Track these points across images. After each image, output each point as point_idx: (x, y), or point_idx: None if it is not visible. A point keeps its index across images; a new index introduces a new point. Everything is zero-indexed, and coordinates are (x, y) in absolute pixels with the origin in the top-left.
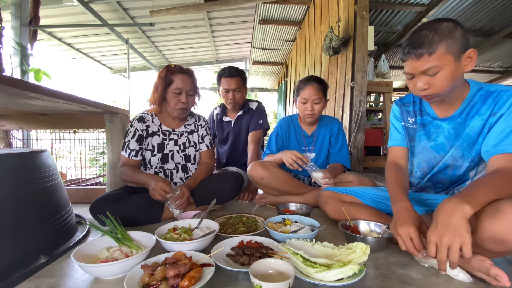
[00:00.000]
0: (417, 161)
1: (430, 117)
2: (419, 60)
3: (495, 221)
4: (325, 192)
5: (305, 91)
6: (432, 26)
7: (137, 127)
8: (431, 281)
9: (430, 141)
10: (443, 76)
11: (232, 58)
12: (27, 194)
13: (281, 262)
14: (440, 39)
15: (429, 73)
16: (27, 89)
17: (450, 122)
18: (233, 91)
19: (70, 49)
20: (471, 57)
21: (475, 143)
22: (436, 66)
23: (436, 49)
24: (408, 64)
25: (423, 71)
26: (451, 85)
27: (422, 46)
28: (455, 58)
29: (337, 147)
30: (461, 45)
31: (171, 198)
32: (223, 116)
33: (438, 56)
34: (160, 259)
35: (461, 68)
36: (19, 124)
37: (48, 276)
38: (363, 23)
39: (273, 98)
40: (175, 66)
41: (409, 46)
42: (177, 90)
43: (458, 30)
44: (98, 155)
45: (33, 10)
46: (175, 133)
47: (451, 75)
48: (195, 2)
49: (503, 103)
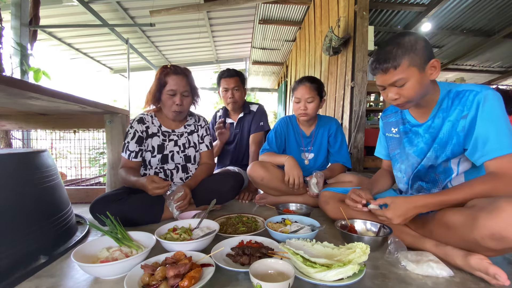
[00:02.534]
0: (404, 167)
1: (410, 124)
2: (386, 74)
3: (493, 218)
4: (325, 192)
5: (298, 91)
6: (395, 42)
7: (136, 128)
8: (431, 281)
9: (412, 147)
10: (410, 86)
11: (232, 58)
12: (27, 194)
13: (281, 262)
14: (403, 53)
15: (397, 85)
16: (27, 89)
17: (425, 127)
18: (232, 89)
19: (70, 49)
20: (435, 66)
21: (446, 144)
22: (402, 78)
23: (401, 63)
24: (378, 77)
25: (391, 83)
26: (419, 93)
27: (388, 61)
28: (419, 69)
29: (336, 146)
30: (424, 56)
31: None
32: (226, 118)
33: (403, 69)
34: (160, 259)
35: (426, 77)
36: (19, 124)
37: (48, 276)
38: (363, 23)
39: (273, 98)
40: (170, 67)
41: (376, 61)
42: (171, 91)
43: (419, 43)
44: (98, 155)
45: (33, 10)
46: (174, 133)
47: (417, 85)
48: (195, 2)
49: (470, 104)
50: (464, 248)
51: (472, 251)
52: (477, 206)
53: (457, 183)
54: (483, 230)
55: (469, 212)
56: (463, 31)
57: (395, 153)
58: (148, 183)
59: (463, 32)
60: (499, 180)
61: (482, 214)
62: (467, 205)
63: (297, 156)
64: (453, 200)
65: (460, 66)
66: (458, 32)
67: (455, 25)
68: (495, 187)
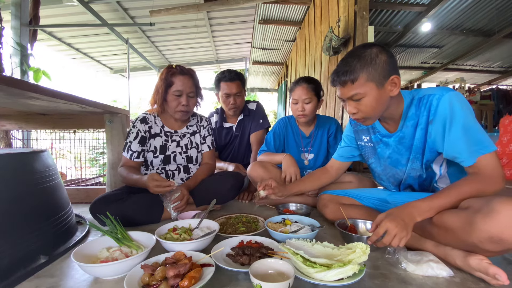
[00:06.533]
0: (385, 177)
1: (380, 134)
2: (344, 88)
3: (490, 221)
4: (324, 195)
5: (295, 92)
6: (356, 54)
7: (139, 128)
8: (431, 281)
9: (386, 158)
10: (367, 102)
11: (232, 58)
12: (27, 194)
13: (281, 262)
14: (362, 67)
15: (354, 99)
16: (27, 89)
17: (395, 138)
18: (234, 95)
19: (70, 49)
20: (395, 83)
21: (424, 151)
22: (359, 93)
23: (358, 77)
24: (337, 89)
25: (349, 97)
26: (377, 110)
27: (345, 74)
28: (377, 85)
29: (336, 147)
30: (384, 72)
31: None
32: (223, 123)
33: (360, 84)
34: (160, 259)
35: (385, 93)
36: (19, 124)
37: (48, 276)
38: (363, 23)
39: (273, 98)
40: (176, 67)
41: (335, 73)
42: (177, 92)
43: (380, 57)
44: (98, 155)
45: (33, 10)
46: (177, 134)
47: (375, 101)
48: (195, 2)
49: (435, 109)
50: (463, 249)
51: (472, 252)
52: (472, 208)
53: (443, 183)
54: (481, 234)
55: (465, 214)
56: (463, 31)
57: (371, 161)
58: (150, 181)
59: (463, 32)
60: (483, 182)
61: (478, 217)
62: (461, 206)
63: (296, 157)
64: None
65: (460, 66)
66: (458, 32)
67: (455, 25)
68: (481, 188)
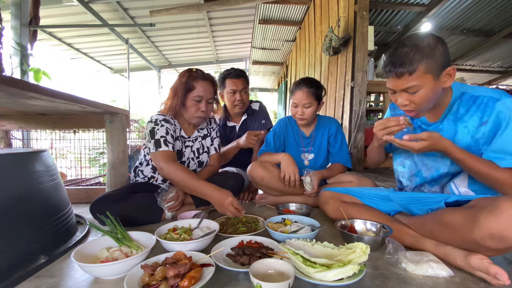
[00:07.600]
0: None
1: (419, 121)
2: (400, 79)
3: (494, 218)
4: (325, 193)
5: (296, 96)
6: (413, 44)
7: (168, 127)
8: (431, 281)
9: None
10: (422, 94)
11: (232, 58)
12: (27, 194)
13: (281, 262)
14: (421, 59)
15: (410, 91)
16: (27, 89)
17: (435, 129)
18: (240, 91)
19: (70, 49)
20: (450, 74)
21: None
22: (416, 85)
23: (416, 68)
24: (390, 81)
25: (403, 89)
26: (430, 101)
27: (403, 66)
28: (434, 77)
29: (336, 147)
30: (441, 63)
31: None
32: (226, 122)
33: (418, 76)
34: (160, 259)
35: (440, 84)
36: (19, 124)
37: (48, 276)
38: (363, 23)
39: (273, 98)
40: (197, 71)
41: (391, 64)
42: (197, 97)
43: (438, 48)
44: (98, 155)
45: (33, 10)
46: (190, 139)
47: (430, 93)
48: (195, 2)
49: (491, 110)
50: (464, 248)
51: (472, 251)
52: (477, 206)
53: (462, 182)
54: (483, 230)
55: (469, 212)
56: (463, 31)
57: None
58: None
59: (463, 32)
60: None
61: (482, 213)
62: (467, 205)
63: (297, 157)
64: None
65: (460, 66)
66: (458, 32)
67: (455, 25)
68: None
